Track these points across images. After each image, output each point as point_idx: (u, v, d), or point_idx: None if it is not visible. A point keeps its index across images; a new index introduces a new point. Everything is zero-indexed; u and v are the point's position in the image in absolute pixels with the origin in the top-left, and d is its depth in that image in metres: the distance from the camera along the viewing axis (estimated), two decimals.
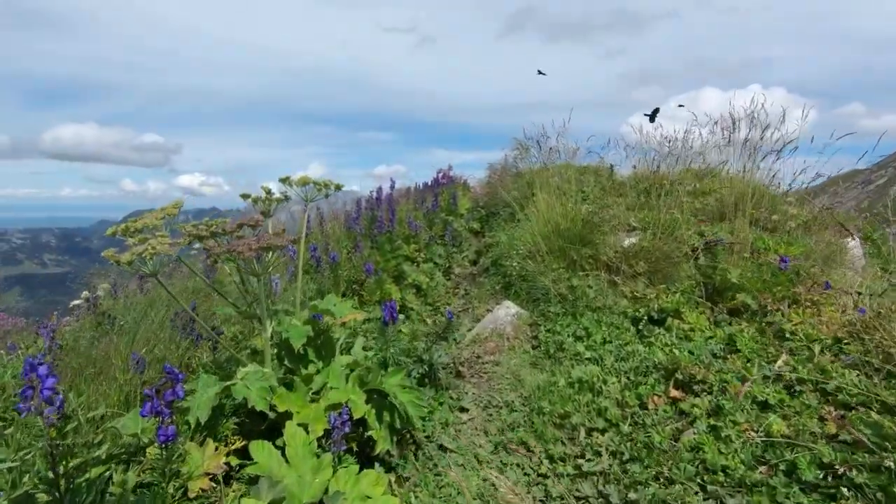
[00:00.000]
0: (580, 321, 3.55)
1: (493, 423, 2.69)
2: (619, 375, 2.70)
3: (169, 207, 1.83)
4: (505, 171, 9.77)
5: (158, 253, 1.57)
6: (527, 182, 7.70)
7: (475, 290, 5.27)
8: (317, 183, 2.34)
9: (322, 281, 4.22)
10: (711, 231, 4.59)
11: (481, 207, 8.74)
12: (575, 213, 4.72)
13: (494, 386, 3.08)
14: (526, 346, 3.66)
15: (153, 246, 1.56)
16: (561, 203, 4.82)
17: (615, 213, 5.43)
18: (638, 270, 4.18)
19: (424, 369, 2.78)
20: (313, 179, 2.31)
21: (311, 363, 2.33)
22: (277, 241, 1.88)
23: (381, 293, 4.19)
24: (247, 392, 1.90)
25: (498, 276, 5.35)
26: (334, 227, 5.52)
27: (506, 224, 7.50)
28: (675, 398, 2.35)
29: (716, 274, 3.60)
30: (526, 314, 4.09)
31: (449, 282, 5.56)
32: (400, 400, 2.22)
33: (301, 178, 2.27)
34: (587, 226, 4.59)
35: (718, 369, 2.48)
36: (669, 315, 3.33)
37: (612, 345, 3.13)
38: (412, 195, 7.61)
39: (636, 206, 5.97)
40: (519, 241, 5.75)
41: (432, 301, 4.82)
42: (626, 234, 5.06)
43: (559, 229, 4.65)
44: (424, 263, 5.38)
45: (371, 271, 4.11)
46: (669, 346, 2.89)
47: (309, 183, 2.29)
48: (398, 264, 4.86)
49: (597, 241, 4.57)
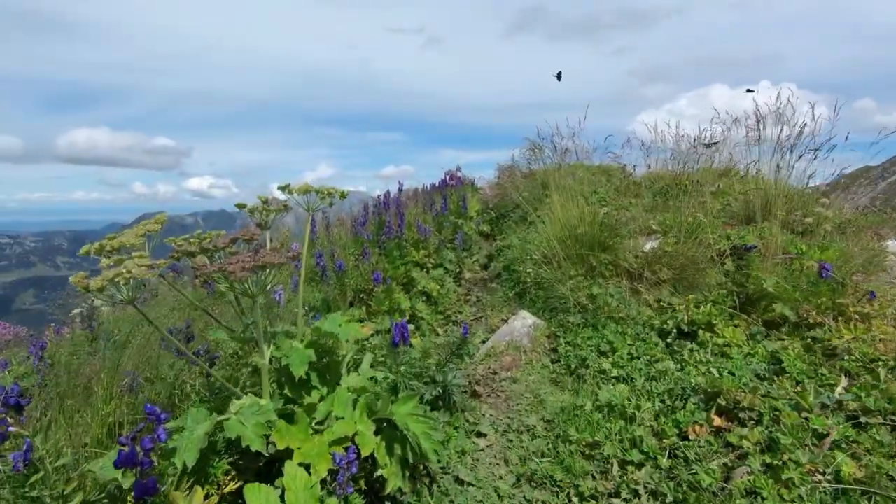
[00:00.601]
0: (603, 334, 3.30)
1: (514, 450, 2.44)
2: (653, 399, 2.45)
3: (150, 223, 1.60)
4: (513, 171, 9.52)
5: (135, 277, 1.34)
6: (540, 183, 7.45)
7: (487, 296, 5.03)
8: (319, 191, 2.11)
9: (328, 290, 4.00)
10: (738, 235, 4.31)
11: (491, 209, 8.49)
12: (593, 216, 4.46)
13: (513, 406, 2.83)
14: (545, 361, 3.41)
15: (128, 269, 1.33)
16: (578, 205, 4.56)
17: (633, 214, 5.17)
18: (662, 277, 3.92)
19: (438, 391, 2.54)
20: (316, 187, 2.08)
21: (315, 389, 2.10)
22: (274, 259, 1.65)
23: (390, 303, 3.95)
24: (241, 429, 1.67)
25: (511, 282, 5.10)
26: (340, 232, 5.30)
27: (517, 226, 7.25)
28: (720, 427, 2.10)
29: (749, 282, 3.33)
30: (543, 325, 3.84)
31: (460, 288, 5.32)
32: (412, 431, 1.98)
33: (302, 185, 2.04)
34: (605, 229, 4.34)
35: (765, 393, 2.22)
36: (700, 328, 3.07)
37: (640, 361, 2.87)
38: (420, 197, 7.38)
39: (654, 208, 5.70)
40: (532, 245, 5.50)
41: (443, 309, 4.59)
42: (646, 237, 4.80)
43: (576, 233, 4.39)
44: (434, 269, 5.14)
45: (379, 280, 3.87)
46: (705, 364, 2.63)
47: (311, 191, 2.06)
48: (407, 271, 4.63)
49: (616, 245, 4.31)
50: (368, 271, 4.20)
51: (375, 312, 3.93)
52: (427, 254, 5.20)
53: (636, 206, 5.83)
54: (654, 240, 4.67)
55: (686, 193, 5.76)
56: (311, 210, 2.11)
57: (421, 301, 4.53)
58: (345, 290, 4.12)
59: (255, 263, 1.66)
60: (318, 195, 2.16)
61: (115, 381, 2.00)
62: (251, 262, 1.66)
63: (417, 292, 4.62)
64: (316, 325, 2.01)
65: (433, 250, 5.35)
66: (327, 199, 2.14)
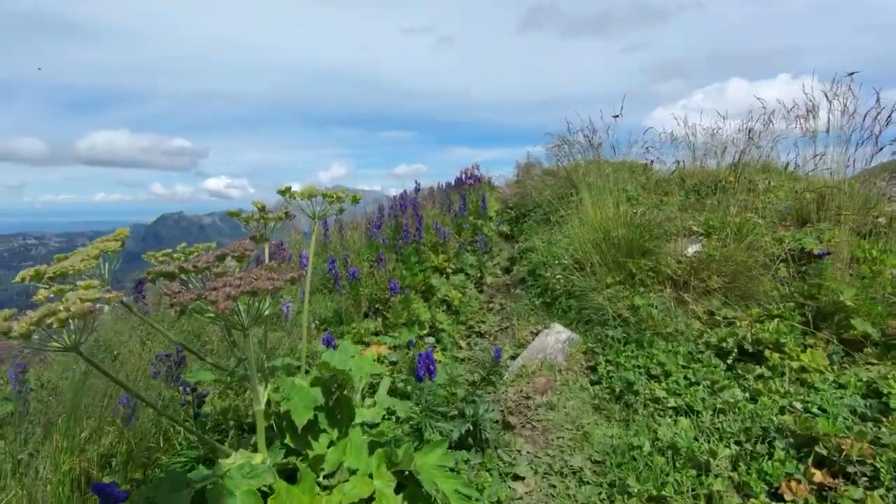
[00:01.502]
0: (650, 352, 2.88)
1: (558, 499, 2.04)
2: (726, 439, 2.03)
3: (108, 240, 1.24)
4: (530, 169, 9.07)
5: (76, 316, 0.98)
6: (564, 180, 7.01)
7: (511, 304, 4.62)
8: (327, 195, 1.73)
9: (340, 301, 3.63)
10: (793, 237, 3.85)
11: (510, 209, 8.07)
12: (629, 216, 4.03)
13: (553, 440, 2.43)
14: (583, 382, 3.00)
15: (66, 306, 0.97)
16: (609, 205, 4.13)
17: (667, 214, 4.72)
18: (711, 286, 3.48)
19: (468, 427, 2.15)
20: (322, 190, 1.70)
21: (323, 433, 1.73)
22: (268, 283, 1.27)
23: (409, 314, 3.57)
24: (229, 501, 1.31)
25: (537, 288, 4.69)
26: (354, 236, 4.93)
27: (539, 227, 6.82)
28: (822, 485, 1.67)
29: (820, 293, 2.88)
30: (579, 339, 3.43)
31: (482, 295, 4.92)
32: (441, 490, 1.60)
33: (307, 188, 1.66)
34: (643, 231, 3.90)
35: (874, 439, 1.79)
36: (767, 347, 2.64)
37: (700, 388, 2.44)
38: (436, 196, 6.98)
39: (689, 207, 5.24)
40: (560, 248, 5.08)
41: (465, 319, 4.20)
42: (687, 240, 4.35)
43: (610, 236, 3.97)
44: (454, 275, 4.75)
45: (396, 290, 3.50)
46: (783, 395, 2.20)
47: (317, 195, 1.69)
48: (426, 278, 4.25)
49: (656, 249, 3.88)
50: (384, 279, 3.83)
51: (393, 325, 3.55)
52: (446, 258, 4.81)
53: (669, 205, 5.37)
54: (696, 242, 4.22)
55: (724, 191, 5.29)
56: (318, 218, 1.74)
57: (441, 311, 4.15)
58: (359, 300, 3.75)
59: (243, 290, 1.29)
60: (327, 199, 1.78)
61: (79, 427, 1.65)
62: (238, 287, 1.29)
63: (437, 301, 4.24)
64: (324, 360, 1.64)
65: (453, 254, 4.97)
66: (337, 205, 1.76)
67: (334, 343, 2.44)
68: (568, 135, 5.79)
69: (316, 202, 1.79)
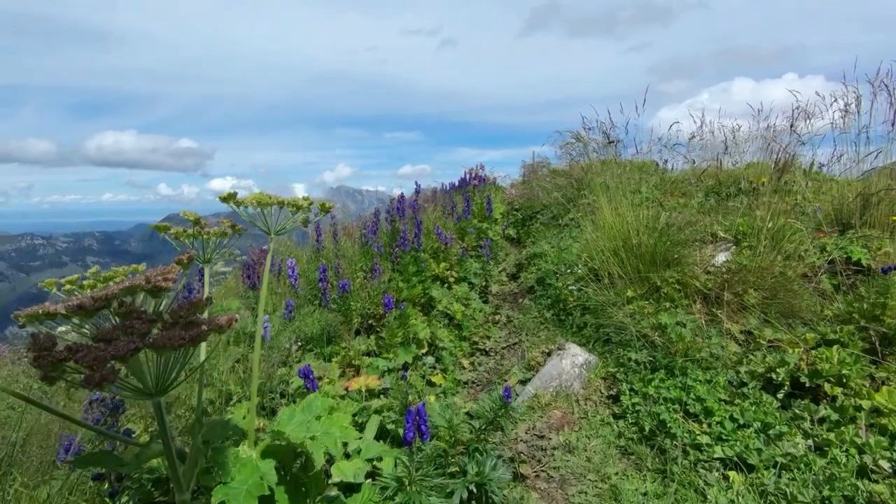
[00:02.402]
0: (684, 382, 2.44)
1: None
2: None
3: None
4: (537, 168, 8.63)
5: None
6: (575, 181, 6.57)
7: (519, 316, 4.20)
8: (288, 203, 1.31)
9: (329, 318, 3.21)
10: (836, 245, 3.40)
11: (517, 210, 7.64)
12: (650, 221, 3.59)
13: (572, 496, 2.00)
14: (605, 414, 2.57)
15: None
16: (630, 208, 3.69)
17: (687, 218, 4.28)
18: (747, 301, 3.04)
19: (471, 488, 1.73)
20: (279, 199, 1.29)
21: None
22: (175, 338, 0.85)
23: (405, 333, 3.16)
24: None
25: (546, 298, 4.26)
26: (346, 243, 4.51)
27: (547, 230, 6.39)
28: None
29: (885, 314, 2.44)
30: (596, 362, 3.00)
31: (487, 305, 4.50)
32: None
33: (254, 196, 1.24)
34: (667, 238, 3.47)
35: None
36: (826, 380, 2.20)
37: (751, 433, 2.01)
38: (439, 198, 6.56)
39: (709, 210, 4.80)
40: (572, 255, 4.65)
41: (469, 335, 3.78)
42: (713, 247, 3.91)
43: (630, 243, 3.53)
44: (457, 284, 4.33)
45: (391, 305, 3.08)
46: (862, 448, 1.77)
47: (270, 204, 1.27)
48: (426, 289, 3.83)
49: (681, 258, 3.44)
50: (379, 292, 3.42)
51: (388, 345, 3.13)
52: (448, 266, 4.39)
53: (688, 208, 4.93)
54: (724, 250, 3.78)
55: (750, 192, 4.84)
56: (274, 233, 1.31)
57: (442, 325, 3.73)
58: (350, 316, 3.34)
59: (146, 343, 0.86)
60: (290, 208, 1.36)
61: None
62: (138, 339, 0.87)
63: (438, 314, 3.82)
64: (277, 427, 1.21)
65: (455, 261, 4.54)
66: (301, 215, 1.34)
67: (312, 377, 2.02)
68: (582, 131, 5.34)
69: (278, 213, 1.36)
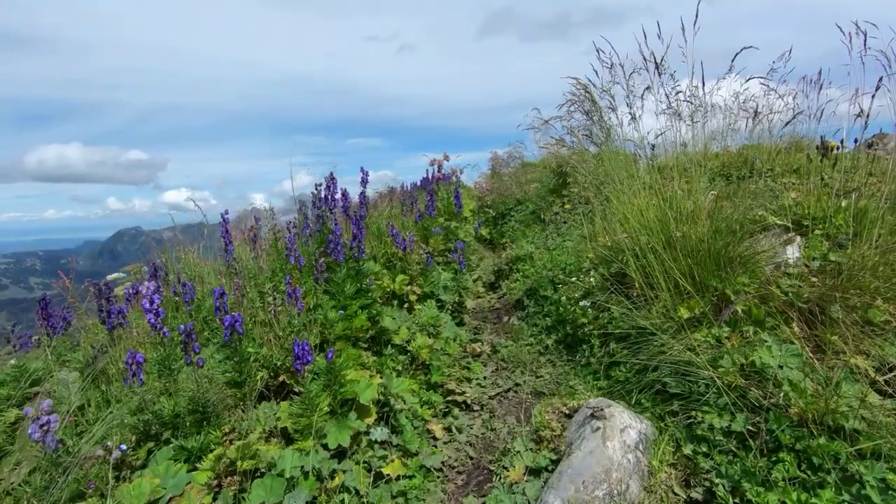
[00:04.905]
0: (821, 484, 1.28)
1: None
2: None
3: None
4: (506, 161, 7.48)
5: None
6: (554, 171, 5.45)
7: (509, 343, 2.98)
8: None
9: (205, 386, 1.87)
10: None
11: (488, 207, 6.46)
12: (697, 207, 2.46)
13: None
14: None
15: None
16: (671, 189, 2.55)
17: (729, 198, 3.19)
18: (872, 318, 1.93)
19: None
20: None
21: None
22: None
23: (334, 400, 1.87)
24: None
25: (543, 317, 3.07)
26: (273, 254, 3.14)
27: (528, 228, 5.21)
28: None
29: None
30: (654, 433, 1.80)
31: (462, 328, 3.26)
32: None
33: None
34: (725, 227, 2.33)
35: None
36: None
37: None
38: (397, 197, 5.25)
39: (724, 195, 3.76)
40: (570, 257, 3.48)
41: (440, 379, 2.52)
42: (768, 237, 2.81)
43: (671, 238, 2.38)
44: (420, 303, 3.07)
45: (309, 357, 1.77)
46: None
47: None
48: (373, 316, 2.55)
49: (745, 256, 2.31)
50: (290, 332, 2.11)
51: (302, 426, 1.82)
52: (408, 279, 3.12)
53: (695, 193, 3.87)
54: (787, 242, 2.68)
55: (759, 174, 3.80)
56: None
57: (399, 367, 2.46)
58: (248, 372, 2.00)
59: None
60: None
61: None
62: None
63: (394, 352, 2.55)
64: None
65: (418, 272, 3.28)
66: None
67: None
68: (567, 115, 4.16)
69: None
